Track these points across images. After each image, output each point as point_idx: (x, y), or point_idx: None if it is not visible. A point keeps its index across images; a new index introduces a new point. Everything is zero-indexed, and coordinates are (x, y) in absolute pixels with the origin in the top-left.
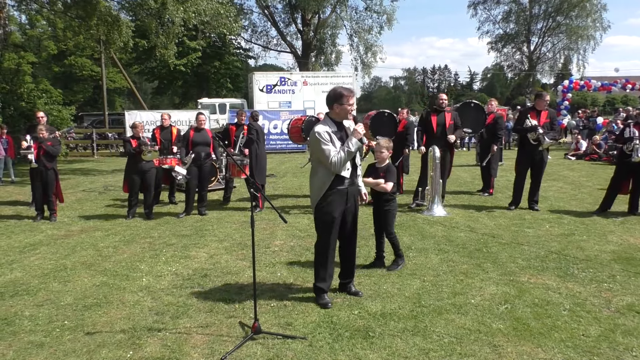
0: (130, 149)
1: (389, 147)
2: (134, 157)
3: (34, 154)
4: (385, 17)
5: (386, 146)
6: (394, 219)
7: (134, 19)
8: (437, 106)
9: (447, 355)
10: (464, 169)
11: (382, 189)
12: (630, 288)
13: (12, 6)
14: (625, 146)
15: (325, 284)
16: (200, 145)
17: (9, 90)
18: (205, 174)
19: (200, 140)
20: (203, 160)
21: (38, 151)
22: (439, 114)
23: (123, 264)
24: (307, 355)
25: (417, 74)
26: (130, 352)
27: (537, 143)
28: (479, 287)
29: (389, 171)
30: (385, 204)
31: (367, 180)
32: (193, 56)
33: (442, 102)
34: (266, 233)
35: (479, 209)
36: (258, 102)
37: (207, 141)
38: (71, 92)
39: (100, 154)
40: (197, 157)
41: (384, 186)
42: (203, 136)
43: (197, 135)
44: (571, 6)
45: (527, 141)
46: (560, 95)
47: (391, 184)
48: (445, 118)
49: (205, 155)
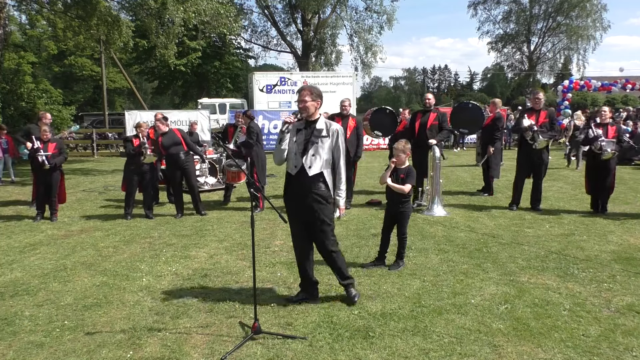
0: (131, 148)
1: (405, 150)
2: (133, 157)
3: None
4: (385, 17)
5: (402, 149)
6: (408, 221)
7: (134, 19)
8: (423, 106)
9: (447, 355)
10: (464, 169)
11: (401, 189)
12: (630, 288)
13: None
14: (593, 146)
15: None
16: (172, 147)
17: (9, 90)
18: (190, 174)
19: (169, 142)
20: (184, 160)
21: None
22: (425, 114)
23: (123, 264)
24: (307, 355)
25: (417, 74)
26: (130, 352)
27: (532, 142)
28: (479, 287)
29: (409, 173)
30: (401, 205)
31: (388, 183)
32: (193, 56)
33: (427, 102)
34: (266, 233)
35: (479, 209)
36: (258, 102)
37: (177, 140)
38: (71, 92)
39: (100, 154)
40: (175, 159)
41: (401, 187)
42: (170, 137)
43: (165, 139)
44: (571, 6)
45: (525, 141)
46: (560, 95)
47: (409, 186)
48: (428, 118)
49: (184, 154)
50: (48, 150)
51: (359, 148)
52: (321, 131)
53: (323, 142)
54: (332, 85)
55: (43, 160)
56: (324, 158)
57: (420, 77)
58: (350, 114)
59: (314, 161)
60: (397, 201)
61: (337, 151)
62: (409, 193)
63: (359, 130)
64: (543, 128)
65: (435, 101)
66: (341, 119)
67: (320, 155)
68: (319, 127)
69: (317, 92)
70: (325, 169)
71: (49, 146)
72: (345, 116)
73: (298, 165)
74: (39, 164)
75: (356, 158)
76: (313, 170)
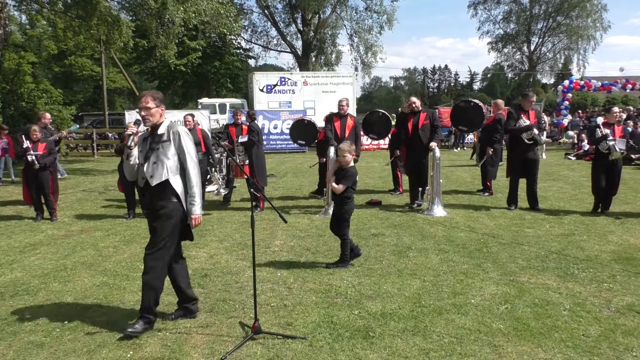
0: (120, 146)
1: (350, 150)
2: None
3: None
4: (386, 17)
5: (347, 149)
6: (346, 222)
7: (134, 19)
8: (411, 110)
9: (447, 355)
10: (464, 169)
11: (334, 188)
12: (630, 288)
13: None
14: (601, 146)
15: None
16: None
17: (9, 90)
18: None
19: None
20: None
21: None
22: (415, 115)
23: (123, 264)
24: (307, 355)
25: (417, 74)
26: (130, 352)
27: (532, 142)
28: (479, 287)
29: (347, 174)
30: (338, 205)
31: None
32: (193, 56)
33: (413, 105)
34: (266, 233)
35: (479, 209)
36: (258, 102)
37: (197, 141)
38: (71, 92)
39: (100, 154)
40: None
41: (335, 186)
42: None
43: None
44: (571, 6)
45: (518, 141)
46: (560, 95)
47: (342, 187)
48: (419, 119)
49: (201, 155)
50: (38, 150)
51: (357, 148)
52: (162, 136)
53: (164, 148)
54: (332, 85)
55: (32, 160)
56: (167, 165)
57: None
58: (348, 113)
59: (155, 169)
60: (336, 201)
61: (183, 154)
62: (346, 194)
63: (357, 130)
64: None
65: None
66: (339, 119)
67: (163, 162)
68: (160, 132)
69: (160, 98)
70: (172, 176)
71: (38, 146)
72: (344, 116)
73: (145, 177)
74: (29, 163)
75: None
76: (156, 180)
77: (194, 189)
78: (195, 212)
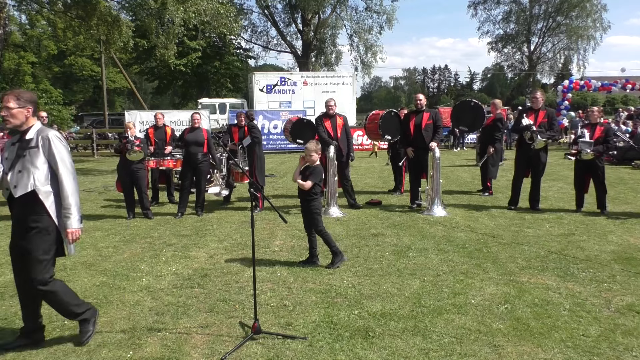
0: (118, 145)
1: (317, 150)
2: (123, 157)
3: None
4: (386, 17)
5: (314, 149)
6: (318, 217)
7: (134, 19)
8: (415, 107)
9: (447, 355)
10: (464, 169)
11: (301, 185)
12: (630, 288)
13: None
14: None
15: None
16: (192, 145)
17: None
18: (201, 174)
19: (192, 139)
20: (199, 160)
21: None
22: (418, 114)
23: (123, 264)
24: (307, 355)
25: (417, 74)
26: (130, 352)
27: (531, 142)
28: (479, 287)
29: (314, 171)
30: (306, 202)
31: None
32: (193, 56)
33: (418, 102)
34: (266, 233)
35: (479, 209)
36: (258, 102)
37: (200, 141)
38: (71, 92)
39: (100, 154)
40: (191, 157)
41: (302, 183)
42: (196, 136)
43: (190, 135)
44: (571, 6)
45: (524, 141)
46: (560, 95)
47: (310, 183)
48: (422, 118)
49: (202, 155)
50: None
51: (349, 148)
52: (30, 142)
53: (32, 155)
54: (332, 85)
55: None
56: (34, 174)
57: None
58: (336, 113)
59: (20, 179)
60: (302, 198)
61: (54, 162)
62: (313, 191)
63: (347, 128)
64: (542, 128)
65: (426, 101)
66: (329, 119)
67: (29, 171)
68: (28, 137)
69: (27, 97)
70: (41, 187)
71: None
72: (332, 116)
73: (9, 187)
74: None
75: (350, 159)
76: (20, 190)
77: (69, 199)
78: (72, 225)
